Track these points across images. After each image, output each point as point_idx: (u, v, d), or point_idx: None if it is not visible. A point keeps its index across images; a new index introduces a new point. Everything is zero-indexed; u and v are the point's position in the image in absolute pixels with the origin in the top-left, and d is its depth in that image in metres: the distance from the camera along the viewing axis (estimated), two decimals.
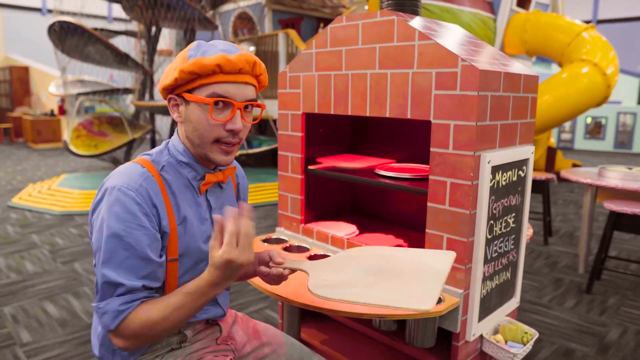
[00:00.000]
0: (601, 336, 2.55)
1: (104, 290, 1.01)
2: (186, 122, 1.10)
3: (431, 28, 1.63)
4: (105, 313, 1.01)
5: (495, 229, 1.59)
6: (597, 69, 6.34)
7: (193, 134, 1.10)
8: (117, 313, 1.00)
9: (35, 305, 2.89)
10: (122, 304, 1.00)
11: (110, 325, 1.00)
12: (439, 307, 1.43)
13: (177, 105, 1.12)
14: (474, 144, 1.42)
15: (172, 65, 1.10)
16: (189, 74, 1.04)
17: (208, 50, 1.06)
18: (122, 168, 1.09)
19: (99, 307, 1.01)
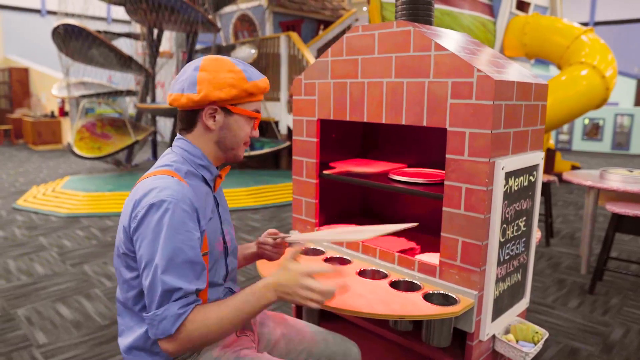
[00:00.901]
0: (605, 336, 2.61)
1: (162, 298, 1.06)
2: (223, 129, 1.24)
3: (449, 38, 1.68)
4: (164, 319, 1.06)
5: (508, 232, 1.64)
6: (596, 71, 6.42)
7: (231, 140, 1.26)
8: (177, 317, 1.06)
9: (49, 307, 2.93)
10: (180, 308, 1.07)
11: (170, 330, 1.06)
12: (455, 307, 1.49)
13: (213, 115, 1.22)
14: (489, 151, 1.47)
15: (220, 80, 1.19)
16: (248, 94, 1.22)
17: (256, 73, 1.25)
18: (157, 181, 1.14)
19: (156, 314, 1.07)
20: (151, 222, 1.09)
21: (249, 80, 1.21)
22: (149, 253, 1.08)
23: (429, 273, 1.68)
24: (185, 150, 1.24)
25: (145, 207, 1.10)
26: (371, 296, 1.55)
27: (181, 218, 1.10)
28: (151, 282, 1.08)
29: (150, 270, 1.08)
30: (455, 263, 1.59)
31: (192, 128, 1.25)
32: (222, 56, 1.25)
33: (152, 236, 1.08)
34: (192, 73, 1.20)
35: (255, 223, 4.93)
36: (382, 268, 1.79)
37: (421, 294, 1.57)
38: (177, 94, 1.21)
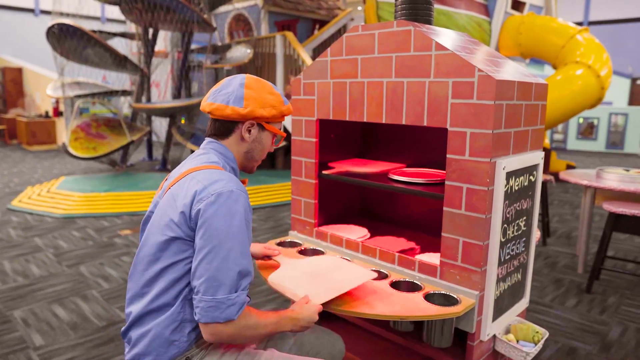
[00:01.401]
0: (603, 334, 2.62)
1: (236, 281, 1.14)
2: (255, 142, 1.38)
3: (450, 38, 1.68)
4: (234, 304, 1.13)
5: (509, 232, 1.64)
6: (591, 71, 6.45)
7: (258, 152, 1.40)
8: (242, 305, 1.16)
9: (45, 308, 2.91)
10: (246, 296, 1.18)
11: (234, 316, 1.14)
12: (457, 308, 1.49)
13: (250, 129, 1.35)
14: (490, 151, 1.47)
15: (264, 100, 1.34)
16: (282, 115, 1.38)
17: (285, 98, 1.41)
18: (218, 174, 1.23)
19: (229, 298, 1.13)
20: (223, 208, 1.16)
21: (285, 104, 1.38)
22: (219, 237, 1.14)
23: (429, 273, 1.67)
24: (221, 153, 1.35)
25: (214, 194, 1.17)
26: (372, 297, 1.54)
27: (248, 209, 1.22)
28: (222, 265, 1.13)
29: (220, 253, 1.13)
30: (456, 263, 1.59)
31: (227, 136, 1.36)
32: (261, 78, 1.39)
33: (224, 221, 1.15)
34: (239, 89, 1.32)
35: (253, 223, 4.91)
36: (382, 268, 1.79)
37: (422, 294, 1.57)
38: (221, 104, 1.31)
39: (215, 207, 1.16)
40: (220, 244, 1.14)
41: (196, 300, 1.15)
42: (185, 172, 1.27)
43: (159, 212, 1.26)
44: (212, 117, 1.37)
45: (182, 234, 1.19)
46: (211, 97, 1.34)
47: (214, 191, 1.18)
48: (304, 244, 2.07)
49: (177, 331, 1.21)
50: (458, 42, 1.69)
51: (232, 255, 1.14)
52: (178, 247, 1.20)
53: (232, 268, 1.14)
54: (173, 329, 1.21)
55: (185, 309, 1.21)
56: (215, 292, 1.12)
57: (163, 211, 1.24)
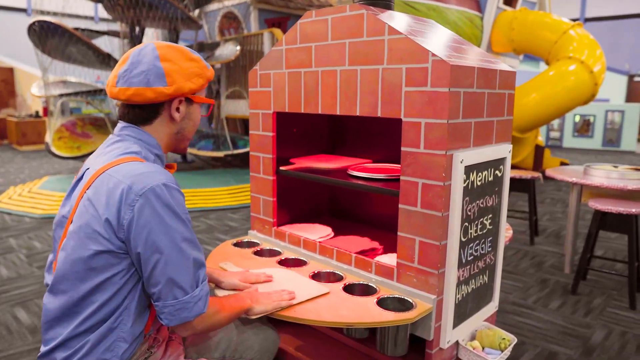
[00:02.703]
0: (585, 338, 2.50)
1: (194, 276, 1.07)
2: (185, 119, 1.22)
3: (405, 22, 1.56)
4: (201, 299, 1.08)
5: (471, 231, 1.53)
6: (584, 66, 6.33)
7: (190, 129, 1.25)
8: (207, 295, 1.11)
9: (7, 312, 2.79)
10: (207, 285, 1.12)
11: (204, 309, 1.09)
12: (410, 313, 1.37)
13: (179, 107, 1.20)
14: (445, 143, 1.35)
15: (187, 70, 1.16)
16: (208, 82, 1.23)
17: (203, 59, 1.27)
18: (139, 167, 1.08)
19: (194, 295, 1.07)
20: (156, 208, 1.03)
21: (208, 67, 1.23)
22: (165, 240, 1.03)
23: (386, 276, 1.56)
24: (141, 140, 1.18)
25: (141, 194, 1.03)
26: (321, 301, 1.43)
27: (181, 199, 1.10)
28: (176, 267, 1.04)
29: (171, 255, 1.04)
30: (413, 265, 1.47)
31: (152, 120, 1.18)
32: (172, 43, 1.20)
33: (164, 221, 1.03)
34: (156, 64, 1.13)
35: (234, 223, 4.80)
36: (338, 270, 1.67)
37: (375, 299, 1.45)
38: (139, 87, 1.12)
39: (149, 210, 1.02)
40: (169, 246, 1.03)
41: (159, 307, 1.06)
42: (101, 170, 1.09)
43: (76, 222, 1.08)
44: (127, 104, 1.16)
45: (111, 247, 1.04)
46: (122, 81, 1.13)
47: (142, 190, 1.03)
48: (262, 244, 1.96)
49: (109, 351, 1.08)
50: (416, 27, 1.58)
51: (184, 252, 1.05)
52: (107, 261, 1.05)
53: (187, 265, 1.06)
54: (105, 349, 1.08)
55: (120, 326, 1.08)
56: (177, 295, 1.05)
57: (82, 220, 1.06)
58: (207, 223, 4.78)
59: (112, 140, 1.18)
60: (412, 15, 1.72)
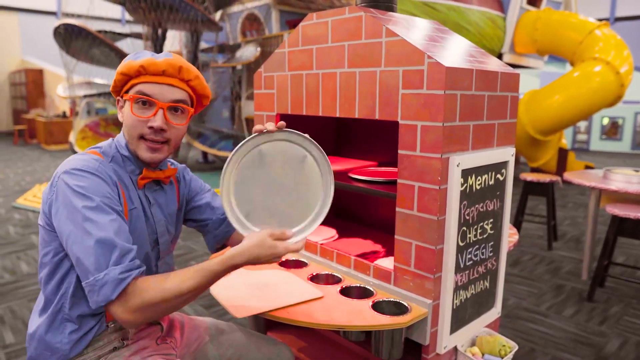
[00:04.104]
0: (599, 347, 2.43)
1: (99, 257, 0.99)
2: (124, 120, 1.18)
3: (404, 24, 1.55)
4: (105, 284, 0.99)
5: (469, 235, 1.50)
6: (610, 67, 6.16)
7: (125, 131, 1.18)
8: (119, 282, 0.99)
9: (24, 306, 2.89)
10: (122, 273, 1.00)
11: (111, 296, 0.98)
12: (404, 317, 1.36)
13: (121, 107, 1.21)
14: (441, 146, 1.34)
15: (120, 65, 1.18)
16: (121, 75, 1.15)
17: (141, 56, 1.15)
18: (76, 157, 1.12)
19: (97, 278, 0.99)
20: (65, 189, 1.05)
21: (125, 61, 1.16)
22: (72, 218, 1.03)
23: (384, 279, 1.55)
24: (118, 138, 1.23)
25: (59, 174, 1.07)
26: (316, 303, 1.43)
27: (98, 182, 1.07)
28: (81, 247, 1.01)
29: (77, 234, 1.02)
30: (409, 269, 1.46)
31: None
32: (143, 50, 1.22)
33: (70, 200, 1.04)
34: None
35: None
36: (337, 272, 1.67)
37: (371, 302, 1.44)
38: None
39: (60, 189, 1.05)
40: (71, 226, 1.03)
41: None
42: None
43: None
44: None
45: (45, 223, 1.11)
46: None
47: (58, 173, 1.08)
48: None
49: (57, 332, 1.11)
50: (417, 30, 1.56)
51: (86, 234, 1.01)
52: (46, 236, 1.12)
53: (89, 246, 1.00)
54: (53, 330, 1.11)
55: (65, 307, 1.10)
56: (85, 276, 1.01)
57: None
58: None
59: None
60: (415, 17, 1.71)
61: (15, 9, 13.99)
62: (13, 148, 10.88)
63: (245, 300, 1.41)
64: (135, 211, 1.18)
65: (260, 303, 1.39)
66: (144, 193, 1.23)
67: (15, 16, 14.02)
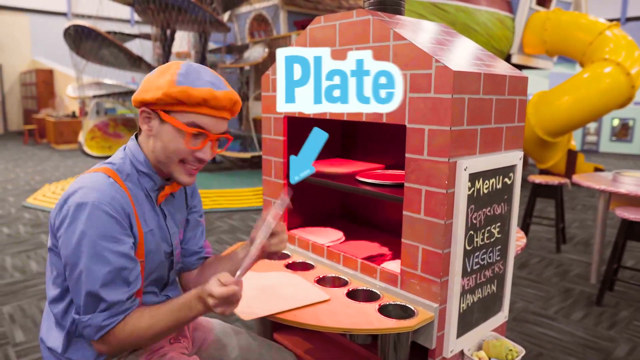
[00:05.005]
0: (607, 352, 2.41)
1: (86, 305, 1.04)
2: (156, 138, 1.12)
3: (412, 28, 1.55)
4: (88, 326, 1.05)
5: (477, 239, 1.50)
6: (621, 68, 6.11)
7: (161, 152, 1.12)
8: (100, 328, 1.05)
9: (34, 305, 2.92)
10: (105, 320, 1.05)
11: (94, 337, 1.06)
12: (411, 321, 1.36)
13: (149, 119, 1.13)
14: (448, 150, 1.33)
15: (154, 81, 1.09)
16: (174, 100, 1.07)
17: (196, 80, 1.08)
18: (88, 180, 1.07)
19: (81, 320, 1.05)
20: (74, 224, 1.02)
21: (177, 84, 1.06)
22: (72, 256, 1.03)
23: (390, 282, 1.55)
24: (132, 153, 1.16)
25: (70, 206, 1.04)
26: (322, 306, 1.43)
27: (106, 224, 1.03)
28: (74, 286, 1.05)
29: (74, 274, 1.04)
30: (416, 272, 1.46)
31: (140, 130, 1.18)
32: (186, 62, 1.16)
33: (75, 239, 1.02)
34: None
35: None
36: (344, 275, 1.67)
37: (377, 305, 1.44)
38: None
39: (67, 223, 1.02)
40: (72, 262, 1.03)
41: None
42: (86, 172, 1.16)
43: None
44: None
45: (52, 245, 1.10)
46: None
47: (71, 202, 1.03)
48: None
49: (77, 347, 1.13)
50: (425, 33, 1.56)
51: (83, 277, 1.02)
52: (53, 257, 1.12)
53: (79, 290, 1.03)
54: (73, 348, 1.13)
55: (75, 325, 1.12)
56: (76, 311, 1.06)
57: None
58: (230, 224, 4.85)
59: (121, 147, 1.22)
60: (426, 21, 1.71)
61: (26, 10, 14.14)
62: (23, 147, 11.00)
63: (252, 302, 1.42)
64: (151, 233, 1.17)
65: (267, 305, 1.39)
66: (160, 208, 1.22)
67: (26, 17, 14.17)
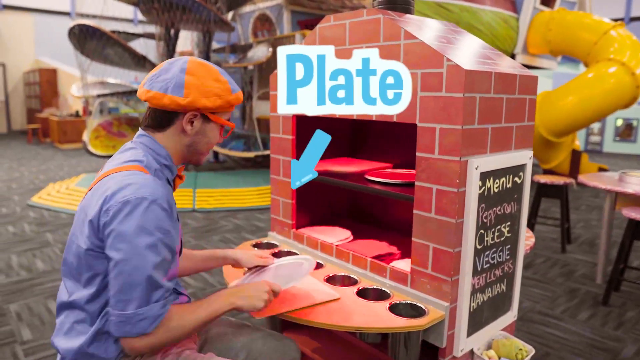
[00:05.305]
0: (615, 352, 2.40)
1: (144, 296, 1.06)
2: (198, 135, 1.24)
3: (422, 26, 1.55)
4: (144, 319, 1.06)
5: (487, 238, 1.50)
6: (625, 68, 6.08)
7: (203, 145, 1.26)
8: (156, 317, 1.08)
9: (40, 303, 2.92)
10: (161, 308, 1.08)
11: (148, 329, 1.07)
12: (422, 320, 1.36)
13: (193, 121, 1.21)
14: (459, 149, 1.34)
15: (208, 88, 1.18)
16: (229, 105, 1.23)
17: (235, 85, 1.26)
18: (133, 177, 1.11)
19: (137, 313, 1.05)
20: (129, 218, 1.05)
21: (232, 92, 1.23)
22: (126, 250, 1.05)
23: (400, 281, 1.55)
24: (152, 149, 1.21)
25: (121, 202, 1.06)
26: (333, 305, 1.43)
27: (160, 216, 1.09)
28: (128, 279, 1.05)
29: (127, 267, 1.05)
30: (427, 271, 1.46)
31: (165, 128, 1.21)
32: (206, 62, 1.23)
33: (131, 232, 1.05)
34: (179, 75, 1.17)
35: (261, 223, 4.86)
36: (353, 274, 1.67)
37: (387, 304, 1.44)
38: (158, 92, 1.16)
39: (122, 217, 1.05)
40: (127, 256, 1.04)
41: (108, 313, 1.08)
42: (104, 175, 1.15)
43: (77, 220, 1.16)
44: (149, 105, 1.22)
45: (92, 246, 1.10)
46: (148, 83, 1.19)
47: (121, 199, 1.06)
48: (281, 246, 1.98)
49: (101, 344, 1.13)
50: (434, 31, 1.56)
51: (140, 269, 1.04)
52: (91, 259, 1.11)
53: (140, 282, 1.05)
54: (97, 343, 1.13)
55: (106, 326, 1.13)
56: (125, 307, 1.05)
57: (80, 219, 1.15)
58: (235, 223, 4.85)
59: (126, 147, 1.23)
60: (434, 20, 1.71)
61: (29, 10, 14.16)
62: (27, 147, 11.02)
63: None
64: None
65: (278, 304, 1.40)
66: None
67: (30, 17, 14.19)
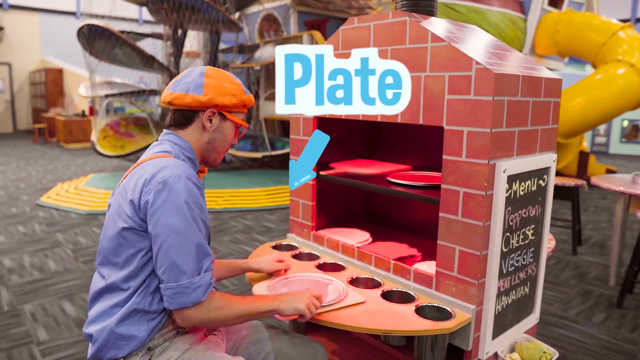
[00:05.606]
0: (632, 355, 2.40)
1: (197, 264, 1.14)
2: (216, 132, 1.35)
3: (448, 29, 1.55)
4: (199, 287, 1.14)
5: (512, 241, 1.50)
6: (634, 70, 6.07)
7: (220, 142, 1.36)
8: (209, 286, 1.16)
9: (54, 304, 2.93)
10: (211, 278, 1.18)
11: (202, 297, 1.15)
12: (449, 323, 1.36)
13: (211, 117, 1.33)
14: (488, 152, 1.33)
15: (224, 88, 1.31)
16: (243, 104, 1.35)
17: (246, 88, 1.38)
18: (167, 162, 1.21)
19: (193, 282, 1.13)
20: (171, 194, 1.14)
21: (246, 93, 1.36)
22: (172, 224, 1.13)
23: (425, 284, 1.55)
24: (176, 144, 1.32)
25: (161, 181, 1.16)
26: (359, 307, 1.43)
27: (196, 192, 1.20)
28: (179, 250, 1.13)
29: (176, 239, 1.13)
30: (452, 274, 1.46)
31: (187, 126, 1.33)
32: (221, 70, 1.37)
33: (174, 208, 1.14)
34: (199, 78, 1.30)
35: (271, 224, 4.86)
36: (376, 276, 1.67)
37: (414, 307, 1.44)
38: (181, 92, 1.29)
39: (164, 195, 1.14)
40: (174, 231, 1.13)
41: (162, 288, 1.15)
42: (137, 164, 1.28)
43: (114, 204, 1.26)
44: (172, 108, 1.35)
45: (133, 224, 1.18)
46: (171, 88, 1.32)
47: (161, 179, 1.16)
48: (301, 248, 1.98)
49: (134, 323, 1.19)
50: (459, 34, 1.56)
51: (188, 240, 1.14)
52: (131, 238, 1.19)
53: (190, 252, 1.14)
54: (130, 322, 1.19)
55: (143, 302, 1.19)
56: (179, 278, 1.13)
57: (117, 203, 1.24)
58: (245, 223, 4.86)
59: (154, 144, 1.36)
60: (455, 22, 1.71)
61: (35, 9, 14.20)
62: (33, 146, 11.05)
63: None
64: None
65: None
66: None
67: (36, 16, 14.23)
